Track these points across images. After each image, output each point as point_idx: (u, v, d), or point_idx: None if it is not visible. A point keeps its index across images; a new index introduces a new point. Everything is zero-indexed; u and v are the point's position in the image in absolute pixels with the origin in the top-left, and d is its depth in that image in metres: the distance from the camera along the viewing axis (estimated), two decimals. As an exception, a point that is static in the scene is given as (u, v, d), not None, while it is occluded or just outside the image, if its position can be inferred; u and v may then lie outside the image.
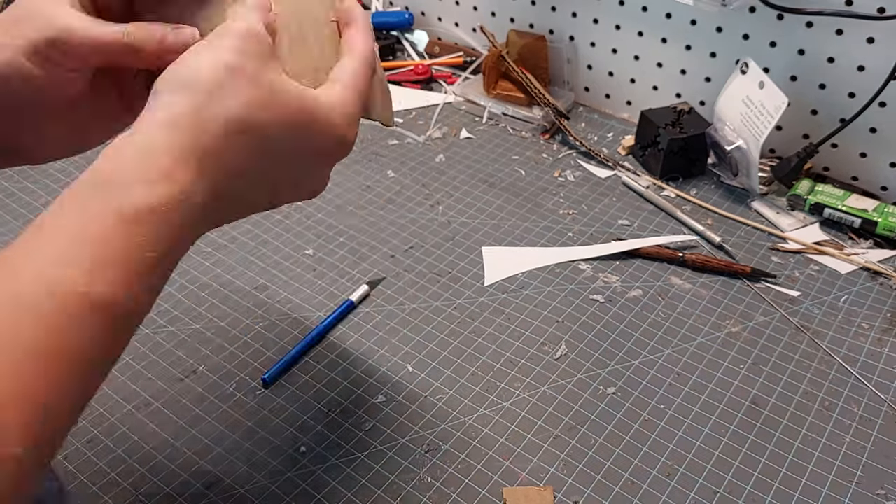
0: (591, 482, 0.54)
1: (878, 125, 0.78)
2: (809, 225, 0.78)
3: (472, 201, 0.81)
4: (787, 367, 0.63)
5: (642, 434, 0.57)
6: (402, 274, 0.72)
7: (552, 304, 0.68)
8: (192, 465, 0.55)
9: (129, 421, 0.58)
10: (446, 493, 0.53)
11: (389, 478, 0.54)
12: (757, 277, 0.71)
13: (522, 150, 0.90)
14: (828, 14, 0.75)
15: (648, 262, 0.73)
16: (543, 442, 0.57)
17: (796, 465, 0.55)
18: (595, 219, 0.79)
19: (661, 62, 0.90)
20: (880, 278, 0.71)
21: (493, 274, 0.72)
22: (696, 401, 0.60)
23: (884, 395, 0.60)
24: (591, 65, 0.96)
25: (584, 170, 0.86)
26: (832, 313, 0.68)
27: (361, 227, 0.77)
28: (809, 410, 0.59)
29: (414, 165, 0.87)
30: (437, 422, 0.58)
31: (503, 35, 0.95)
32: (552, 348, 0.64)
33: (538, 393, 0.60)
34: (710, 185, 0.84)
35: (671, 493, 0.53)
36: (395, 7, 1.13)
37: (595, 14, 0.93)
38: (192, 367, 0.62)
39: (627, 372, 0.62)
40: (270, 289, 0.70)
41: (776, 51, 0.81)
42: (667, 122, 0.83)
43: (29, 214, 0.78)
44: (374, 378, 0.62)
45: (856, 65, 0.76)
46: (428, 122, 0.94)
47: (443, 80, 1.02)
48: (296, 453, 0.56)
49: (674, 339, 0.65)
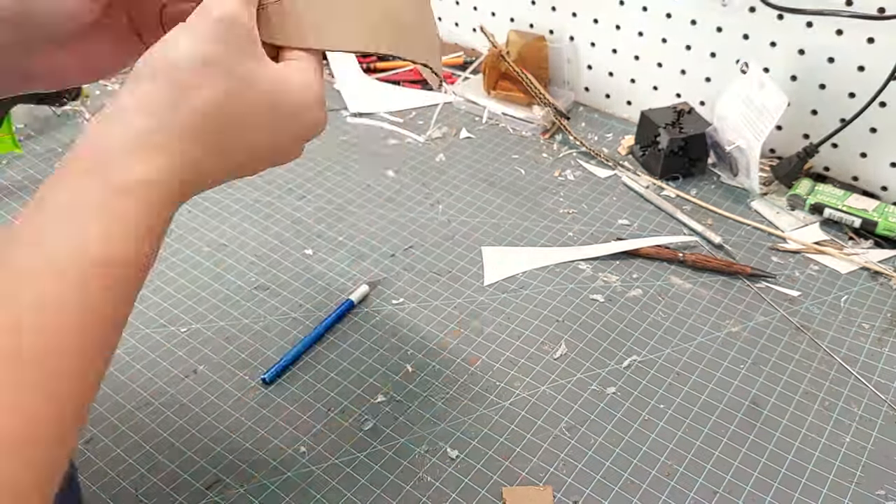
0: (590, 482, 0.54)
1: (878, 125, 0.78)
2: (809, 225, 0.78)
3: (472, 201, 0.81)
4: (787, 367, 0.63)
5: (642, 434, 0.57)
6: (402, 273, 0.72)
7: (552, 303, 0.68)
8: (192, 465, 0.55)
9: (129, 421, 0.58)
10: (446, 492, 0.53)
11: (389, 478, 0.54)
12: (757, 277, 0.71)
13: (522, 150, 0.90)
14: (828, 14, 0.75)
15: (648, 262, 0.73)
16: (543, 442, 0.57)
17: (796, 465, 0.55)
18: (595, 218, 0.79)
19: (661, 62, 0.91)
20: (880, 278, 0.71)
21: (492, 273, 0.72)
22: (696, 401, 0.60)
23: (884, 395, 0.60)
24: (591, 65, 0.96)
25: (584, 170, 0.86)
26: (832, 313, 0.68)
27: (361, 226, 0.77)
28: (809, 410, 0.59)
29: (414, 165, 0.87)
30: (436, 422, 0.58)
31: (503, 35, 0.95)
32: (552, 348, 0.64)
33: (538, 392, 0.60)
34: (710, 185, 0.84)
35: (671, 493, 0.53)
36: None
37: (595, 14, 0.93)
38: (192, 367, 0.62)
39: (627, 372, 0.62)
40: (270, 289, 0.70)
41: (776, 51, 0.81)
42: (667, 122, 0.83)
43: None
44: (374, 378, 0.62)
45: (856, 65, 0.76)
46: (428, 122, 0.94)
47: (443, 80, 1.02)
48: (296, 453, 0.56)
49: (673, 338, 0.65)
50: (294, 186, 0.82)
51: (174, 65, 0.36)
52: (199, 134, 0.37)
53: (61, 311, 0.31)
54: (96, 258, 0.33)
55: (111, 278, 0.33)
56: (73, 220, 0.33)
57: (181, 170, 0.36)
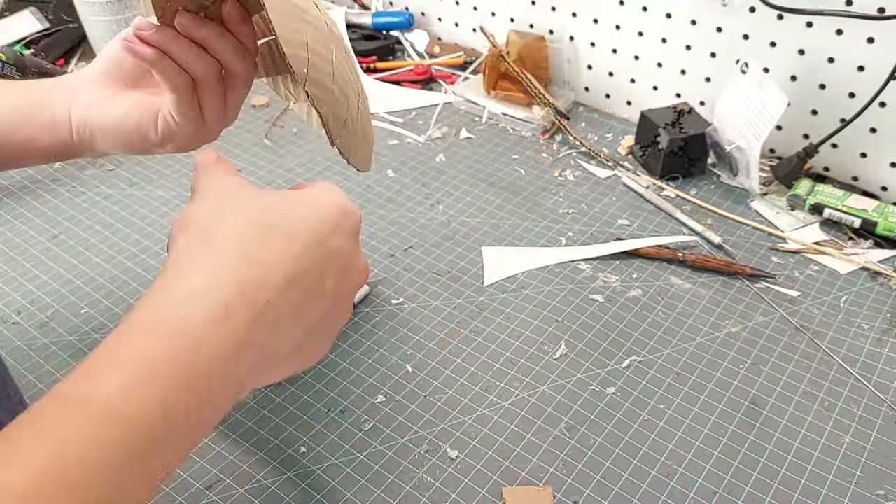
0: (590, 482, 0.54)
1: (878, 125, 0.78)
2: (809, 225, 0.78)
3: (472, 201, 0.81)
4: (787, 367, 0.63)
5: (642, 434, 0.57)
6: (402, 273, 0.72)
7: (552, 303, 0.69)
8: (192, 465, 0.55)
9: (129, 421, 0.58)
10: (446, 493, 0.53)
11: (389, 478, 0.54)
12: (756, 277, 0.71)
13: (522, 150, 0.90)
14: (828, 14, 0.75)
15: (648, 262, 0.73)
16: (543, 442, 0.57)
17: (796, 465, 0.55)
18: (595, 219, 0.79)
19: (661, 62, 0.91)
20: (880, 278, 0.71)
21: (492, 273, 0.72)
22: (696, 401, 0.60)
23: (883, 395, 0.60)
24: (591, 65, 0.96)
25: (584, 170, 0.86)
26: (832, 313, 0.68)
27: (361, 226, 0.77)
28: (809, 410, 0.59)
29: (414, 165, 0.87)
30: (436, 422, 0.58)
31: (503, 35, 0.95)
32: (552, 348, 0.64)
33: (538, 393, 0.60)
34: (710, 185, 0.84)
35: (670, 493, 0.53)
36: (395, 7, 1.13)
37: (595, 14, 0.93)
38: (192, 366, 0.62)
39: (627, 372, 0.62)
40: (270, 289, 0.70)
41: (776, 51, 0.81)
42: (667, 122, 0.83)
43: (34, 218, 0.78)
44: (373, 378, 0.62)
45: (856, 65, 0.76)
46: (428, 122, 0.94)
47: (443, 80, 1.02)
48: (296, 453, 0.56)
49: (673, 338, 0.65)
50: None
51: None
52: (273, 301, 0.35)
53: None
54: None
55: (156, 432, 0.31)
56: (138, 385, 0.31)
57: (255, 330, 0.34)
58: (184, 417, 0.31)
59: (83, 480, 0.28)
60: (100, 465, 0.28)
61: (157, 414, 0.30)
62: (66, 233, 0.76)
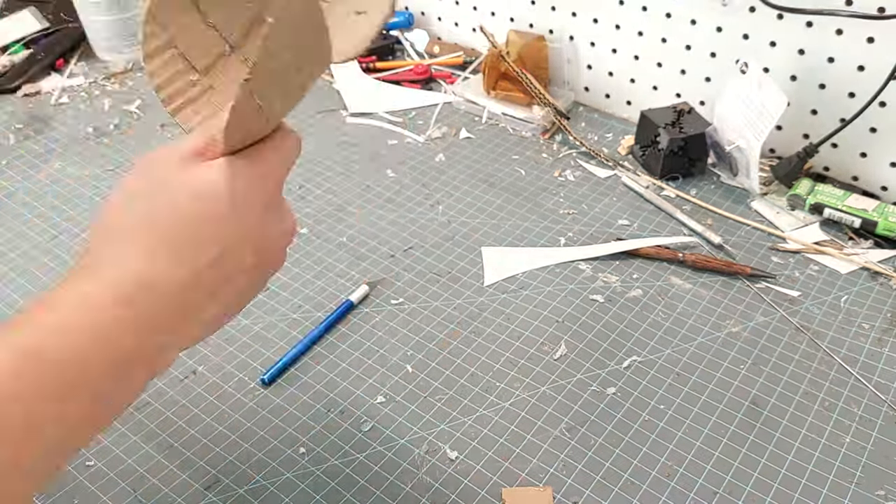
0: (590, 483, 0.54)
1: (878, 125, 0.78)
2: (809, 225, 0.78)
3: (472, 201, 0.81)
4: (787, 367, 0.63)
5: (642, 434, 0.57)
6: (402, 274, 0.72)
7: (552, 304, 0.68)
8: (192, 465, 0.55)
9: (129, 421, 0.58)
10: (445, 493, 0.53)
11: (389, 478, 0.54)
12: (757, 278, 0.71)
13: (522, 150, 0.90)
14: (828, 14, 0.75)
15: (648, 262, 0.73)
16: (543, 442, 0.57)
17: (796, 465, 0.55)
18: (595, 219, 0.79)
19: (661, 62, 0.90)
20: (880, 278, 0.71)
21: (492, 274, 0.72)
22: (696, 401, 0.60)
23: (884, 395, 0.60)
24: (591, 65, 0.96)
25: (584, 170, 0.86)
26: (832, 313, 0.68)
27: (361, 226, 0.77)
28: (809, 411, 0.59)
29: (414, 165, 0.87)
30: (436, 422, 0.58)
31: (503, 35, 0.95)
32: (552, 348, 0.64)
33: (538, 393, 0.60)
34: (710, 185, 0.84)
35: (671, 494, 0.53)
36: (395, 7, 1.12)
37: (595, 14, 0.93)
38: (192, 367, 0.62)
39: (627, 372, 0.62)
40: (270, 288, 0.69)
41: (776, 51, 0.81)
42: (667, 122, 0.83)
43: (27, 214, 0.78)
44: (373, 378, 0.62)
45: (856, 65, 0.76)
46: (427, 122, 0.94)
47: (442, 80, 1.02)
48: (295, 454, 0.56)
49: (674, 339, 0.65)
50: (294, 186, 0.82)
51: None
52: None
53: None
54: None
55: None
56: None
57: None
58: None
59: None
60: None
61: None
62: (66, 233, 0.76)
